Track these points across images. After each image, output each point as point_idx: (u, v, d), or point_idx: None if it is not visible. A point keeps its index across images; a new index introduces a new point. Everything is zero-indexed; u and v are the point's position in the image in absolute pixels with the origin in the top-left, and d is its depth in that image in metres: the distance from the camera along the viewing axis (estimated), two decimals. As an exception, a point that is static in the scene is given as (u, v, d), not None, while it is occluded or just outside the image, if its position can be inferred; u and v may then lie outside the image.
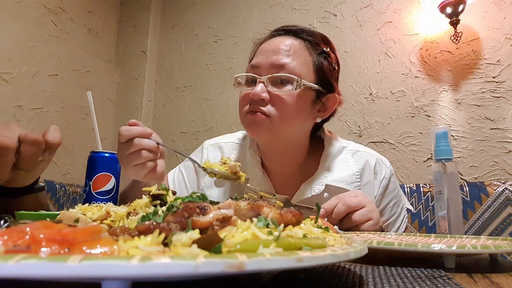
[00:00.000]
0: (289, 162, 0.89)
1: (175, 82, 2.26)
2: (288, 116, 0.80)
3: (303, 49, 0.83)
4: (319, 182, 0.85)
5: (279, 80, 0.80)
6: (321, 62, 0.84)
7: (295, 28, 0.86)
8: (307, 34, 0.85)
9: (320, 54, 0.84)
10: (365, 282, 0.32)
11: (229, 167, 0.76)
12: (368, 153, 0.92)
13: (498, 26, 1.51)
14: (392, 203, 0.90)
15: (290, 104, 0.79)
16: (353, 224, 0.71)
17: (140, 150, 0.70)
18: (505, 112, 1.45)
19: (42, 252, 0.21)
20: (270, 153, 0.90)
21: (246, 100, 0.82)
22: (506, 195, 1.19)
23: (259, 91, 0.78)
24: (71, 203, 1.65)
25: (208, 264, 0.19)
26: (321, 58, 0.84)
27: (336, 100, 0.87)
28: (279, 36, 0.85)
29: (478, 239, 0.53)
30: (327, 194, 0.85)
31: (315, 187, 0.85)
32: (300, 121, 0.83)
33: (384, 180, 0.89)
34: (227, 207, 0.31)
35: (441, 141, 0.72)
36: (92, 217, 0.37)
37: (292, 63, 0.79)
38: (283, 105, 0.79)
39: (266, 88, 0.79)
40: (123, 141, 0.70)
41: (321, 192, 0.84)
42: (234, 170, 0.76)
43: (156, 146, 0.73)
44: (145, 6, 2.35)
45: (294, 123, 0.81)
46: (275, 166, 0.90)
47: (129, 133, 0.70)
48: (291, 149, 0.88)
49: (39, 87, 1.85)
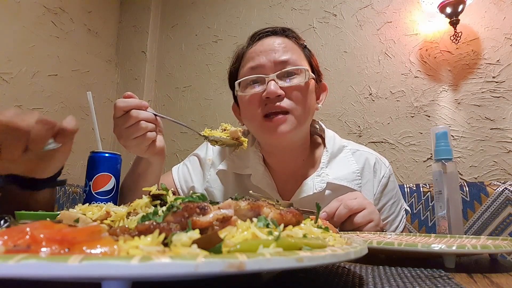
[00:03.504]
0: (293, 159, 0.90)
1: (175, 82, 2.26)
2: (306, 106, 0.83)
3: (295, 45, 0.87)
4: (320, 180, 0.85)
5: (286, 75, 0.82)
6: (308, 54, 0.89)
7: (278, 28, 0.89)
8: (290, 32, 0.90)
9: (304, 48, 0.89)
10: (365, 282, 0.32)
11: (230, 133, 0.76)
12: (368, 152, 0.93)
13: (497, 26, 1.51)
14: (390, 202, 0.90)
15: (305, 94, 0.82)
16: (354, 227, 0.72)
17: (138, 121, 0.70)
18: (505, 112, 1.45)
19: (42, 252, 0.21)
20: (276, 152, 0.90)
21: (257, 102, 0.81)
22: (506, 195, 1.19)
23: (273, 88, 0.78)
24: (71, 203, 1.65)
25: (208, 264, 0.19)
26: (306, 51, 0.89)
27: (326, 87, 0.94)
28: (268, 37, 0.87)
29: (478, 239, 0.53)
30: (329, 192, 0.85)
31: (316, 184, 0.85)
32: (311, 110, 0.86)
33: (383, 179, 0.89)
34: (227, 207, 0.31)
35: (441, 141, 0.72)
36: (92, 217, 0.37)
37: (294, 57, 0.83)
38: (298, 96, 0.81)
39: (278, 84, 0.80)
40: (120, 114, 0.70)
41: (323, 190, 0.85)
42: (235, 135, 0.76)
43: (154, 117, 0.73)
44: (145, 6, 2.35)
45: (311, 112, 0.85)
46: (278, 164, 0.91)
47: (125, 104, 0.69)
48: (298, 145, 0.89)
49: (39, 87, 1.85)
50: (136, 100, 0.71)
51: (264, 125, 0.81)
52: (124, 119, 0.69)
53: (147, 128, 0.71)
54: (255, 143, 0.94)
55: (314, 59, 0.91)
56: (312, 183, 0.86)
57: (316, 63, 0.91)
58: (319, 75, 0.91)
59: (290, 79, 0.81)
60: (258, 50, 0.84)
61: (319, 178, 0.86)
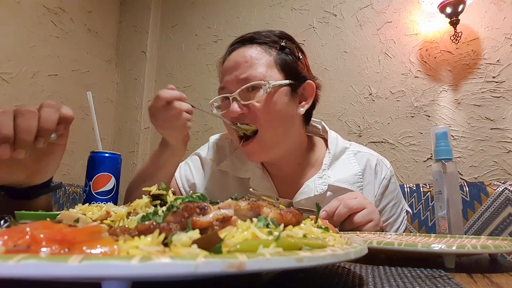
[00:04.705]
0: (287, 163, 0.90)
1: (175, 82, 2.25)
2: (272, 119, 0.81)
3: (261, 53, 0.83)
4: (322, 182, 0.85)
5: (249, 91, 0.80)
6: (282, 58, 0.84)
7: (248, 36, 0.87)
8: (263, 37, 0.86)
9: (280, 50, 0.84)
10: (365, 282, 0.32)
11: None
12: (369, 153, 0.93)
13: (498, 26, 1.51)
14: (391, 204, 0.90)
15: (268, 107, 0.80)
16: (354, 226, 0.71)
17: (181, 112, 0.77)
18: (505, 112, 1.45)
19: (42, 252, 0.21)
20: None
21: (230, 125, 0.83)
22: (506, 195, 1.19)
23: (234, 108, 0.80)
24: (71, 203, 1.65)
25: (208, 264, 0.19)
26: (282, 54, 0.84)
27: (313, 86, 0.87)
28: (235, 51, 0.86)
29: (478, 239, 0.53)
30: (330, 193, 0.85)
31: (318, 186, 0.85)
32: (285, 119, 0.83)
33: (384, 180, 0.89)
34: (227, 207, 0.31)
35: (441, 141, 0.72)
36: (92, 217, 0.37)
37: (254, 71, 0.80)
38: (262, 111, 0.80)
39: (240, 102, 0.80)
40: (162, 104, 0.76)
41: (324, 192, 0.84)
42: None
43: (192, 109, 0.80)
44: (145, 6, 2.35)
45: (280, 124, 0.82)
46: (273, 167, 0.91)
47: (169, 95, 0.76)
48: (288, 153, 0.88)
49: (39, 87, 1.85)
50: (178, 92, 0.78)
51: (243, 149, 0.85)
52: (166, 108, 0.76)
53: (188, 118, 0.79)
54: None
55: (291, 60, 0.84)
56: (313, 184, 0.85)
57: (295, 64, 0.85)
58: (300, 76, 0.85)
59: (254, 95, 0.80)
60: (226, 68, 0.85)
61: (321, 180, 0.86)
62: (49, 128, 0.54)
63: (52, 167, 0.63)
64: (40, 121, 0.53)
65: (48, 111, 0.54)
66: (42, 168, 0.61)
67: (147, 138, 2.24)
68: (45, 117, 0.53)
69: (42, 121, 0.53)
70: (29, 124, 0.52)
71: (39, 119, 0.53)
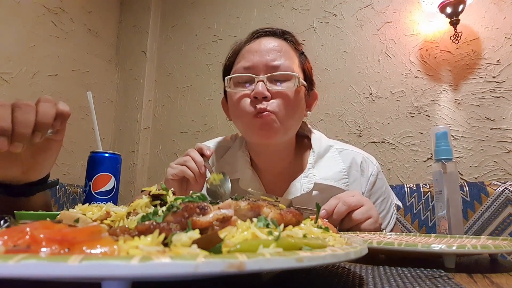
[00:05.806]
0: (279, 161, 0.91)
1: (175, 82, 2.26)
2: (293, 111, 0.82)
3: (291, 50, 0.87)
4: (307, 181, 0.86)
5: (276, 79, 0.82)
6: (303, 61, 0.89)
7: (278, 30, 0.89)
8: (290, 36, 0.89)
9: (300, 54, 0.89)
10: (365, 282, 0.32)
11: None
12: (354, 151, 0.94)
13: (498, 26, 1.51)
14: (380, 199, 0.91)
15: (292, 99, 0.82)
16: (353, 224, 0.72)
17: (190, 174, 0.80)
18: (505, 112, 1.45)
19: (42, 252, 0.21)
20: (262, 153, 0.91)
21: (246, 101, 0.82)
22: (506, 195, 1.19)
23: (261, 89, 0.79)
24: (71, 203, 1.65)
25: (208, 264, 0.19)
26: (302, 58, 0.89)
27: (316, 96, 0.93)
28: (266, 37, 0.87)
29: (478, 239, 0.53)
30: (316, 192, 0.86)
31: (303, 185, 0.86)
32: (299, 116, 0.86)
33: (371, 177, 0.90)
34: (227, 207, 0.31)
35: (441, 141, 0.72)
36: (92, 217, 0.37)
37: (286, 63, 0.83)
38: (285, 101, 0.81)
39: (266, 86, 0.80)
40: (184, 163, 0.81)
41: (310, 191, 0.85)
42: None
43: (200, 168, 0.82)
44: (145, 6, 2.35)
45: (296, 118, 0.85)
46: (265, 166, 0.92)
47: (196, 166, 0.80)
48: (283, 147, 0.89)
49: (39, 87, 1.85)
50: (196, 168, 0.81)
51: (254, 122, 0.81)
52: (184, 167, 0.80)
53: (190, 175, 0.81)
54: (242, 147, 0.94)
55: (309, 66, 0.90)
56: (299, 184, 0.86)
57: (310, 71, 0.91)
58: (312, 83, 0.91)
59: (280, 84, 0.82)
60: (254, 49, 0.85)
61: (306, 179, 0.87)
62: (47, 122, 0.54)
63: (48, 163, 0.63)
64: (37, 115, 0.53)
65: (46, 105, 0.54)
66: (39, 163, 0.61)
67: (147, 138, 2.24)
68: (43, 112, 0.54)
69: (39, 115, 0.53)
70: (27, 118, 0.52)
71: (37, 113, 0.53)
